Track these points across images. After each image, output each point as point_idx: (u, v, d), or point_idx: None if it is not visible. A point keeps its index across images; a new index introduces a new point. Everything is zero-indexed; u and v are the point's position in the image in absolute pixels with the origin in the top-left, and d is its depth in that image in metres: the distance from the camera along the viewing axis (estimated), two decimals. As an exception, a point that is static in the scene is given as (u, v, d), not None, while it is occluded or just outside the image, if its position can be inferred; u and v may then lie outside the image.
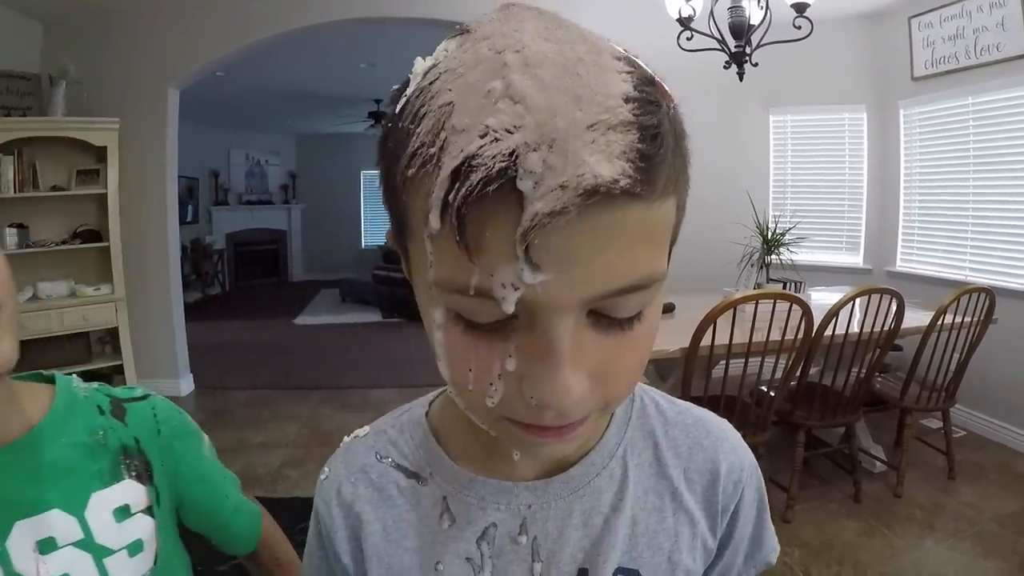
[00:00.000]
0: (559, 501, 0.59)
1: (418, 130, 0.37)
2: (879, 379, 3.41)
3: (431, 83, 0.38)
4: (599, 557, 0.58)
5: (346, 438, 0.66)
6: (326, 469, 0.65)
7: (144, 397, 0.78)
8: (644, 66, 0.40)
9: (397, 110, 0.40)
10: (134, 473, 0.71)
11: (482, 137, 0.34)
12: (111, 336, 4.08)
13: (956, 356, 2.92)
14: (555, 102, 0.34)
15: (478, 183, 0.33)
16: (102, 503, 0.68)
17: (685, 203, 0.44)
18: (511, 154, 0.33)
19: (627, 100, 0.35)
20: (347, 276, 8.92)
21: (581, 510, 0.59)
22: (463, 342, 0.41)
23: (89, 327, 3.94)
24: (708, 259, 3.52)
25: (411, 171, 0.37)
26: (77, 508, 0.67)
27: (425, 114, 0.37)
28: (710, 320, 2.37)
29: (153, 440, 0.74)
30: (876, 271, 4.51)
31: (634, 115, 0.35)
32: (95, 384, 0.77)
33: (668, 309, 3.07)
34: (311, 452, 3.60)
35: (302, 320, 7.52)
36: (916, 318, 2.97)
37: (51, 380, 0.73)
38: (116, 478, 0.70)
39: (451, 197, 0.34)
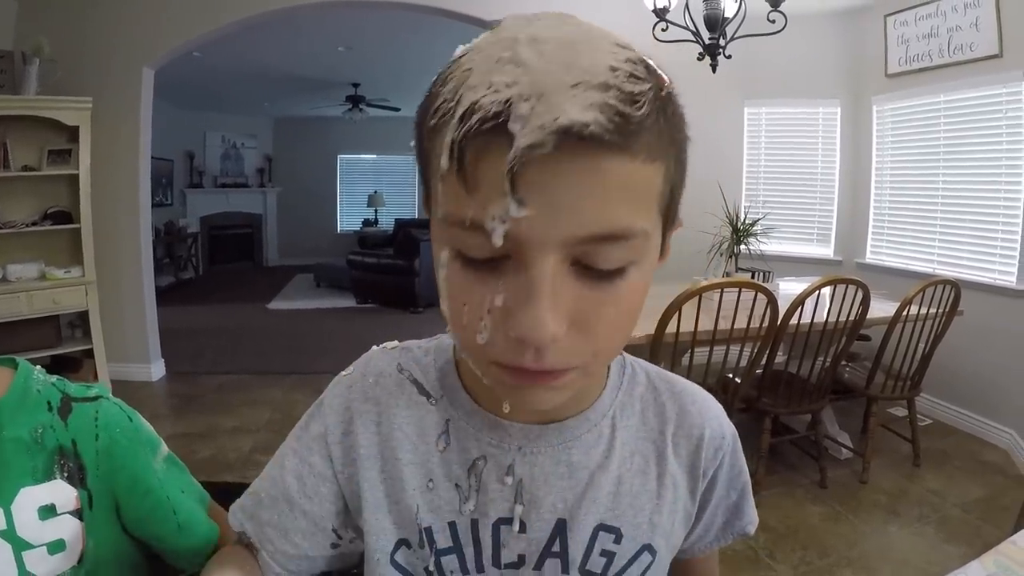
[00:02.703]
0: (549, 449, 0.62)
1: (443, 90, 0.45)
2: (847, 368, 3.47)
3: (460, 57, 0.46)
4: (580, 510, 0.62)
5: (375, 347, 0.69)
6: (350, 367, 0.68)
7: (95, 399, 0.77)
8: (643, 56, 0.45)
9: (433, 82, 0.48)
10: (66, 475, 0.72)
11: (487, 89, 0.41)
12: (81, 320, 4.02)
13: (922, 346, 2.98)
14: (549, 67, 0.41)
15: (476, 122, 0.40)
16: (29, 499, 0.69)
17: (680, 184, 0.50)
18: (506, 101, 0.40)
19: (612, 69, 0.41)
20: (322, 261, 8.86)
21: (568, 461, 0.62)
22: (461, 278, 0.46)
23: (59, 310, 3.87)
24: (678, 248, 3.51)
25: (433, 121, 0.45)
26: (5, 500, 0.68)
27: (450, 79, 0.45)
28: (676, 307, 2.41)
29: (90, 444, 0.73)
30: (846, 263, 4.59)
31: (615, 80, 0.41)
32: (54, 378, 0.77)
33: (637, 296, 3.10)
34: (283, 437, 3.54)
35: (276, 305, 7.47)
36: (883, 308, 3.04)
37: (15, 365, 0.74)
38: (48, 476, 0.71)
39: (456, 135, 0.41)
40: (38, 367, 0.77)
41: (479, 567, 0.62)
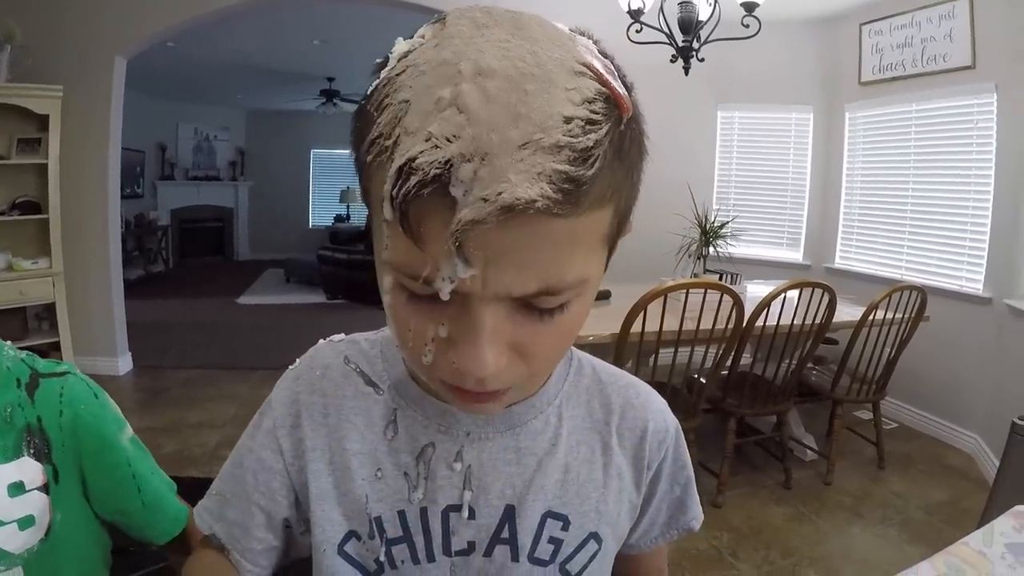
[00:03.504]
0: (497, 435, 0.63)
1: (379, 120, 0.42)
2: (814, 371, 3.51)
3: (398, 75, 0.42)
4: (528, 496, 0.63)
5: (321, 340, 0.70)
6: (296, 361, 0.69)
7: (62, 374, 0.77)
8: (608, 74, 0.43)
9: (369, 91, 0.45)
10: (33, 451, 0.73)
11: (426, 141, 0.38)
12: (48, 312, 3.95)
13: (887, 351, 3.02)
14: (495, 118, 0.38)
15: (415, 185, 0.38)
16: (1, 477, 0.70)
17: (630, 207, 0.49)
18: (446, 162, 0.37)
19: (566, 121, 0.39)
20: (293, 256, 8.81)
21: (516, 447, 0.64)
22: (405, 308, 0.47)
23: (26, 302, 3.81)
24: (646, 249, 3.57)
25: (369, 157, 0.43)
26: None
27: (387, 106, 0.42)
28: (641, 307, 2.42)
29: (54, 420, 0.74)
30: (815, 267, 4.65)
31: (569, 136, 0.39)
32: (24, 354, 0.78)
33: (604, 296, 3.13)
34: (246, 432, 3.56)
35: (245, 300, 7.40)
36: (849, 312, 3.07)
37: None
38: (17, 454, 0.72)
39: (395, 192, 0.39)
40: (8, 343, 0.77)
41: (430, 556, 0.62)
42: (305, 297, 7.55)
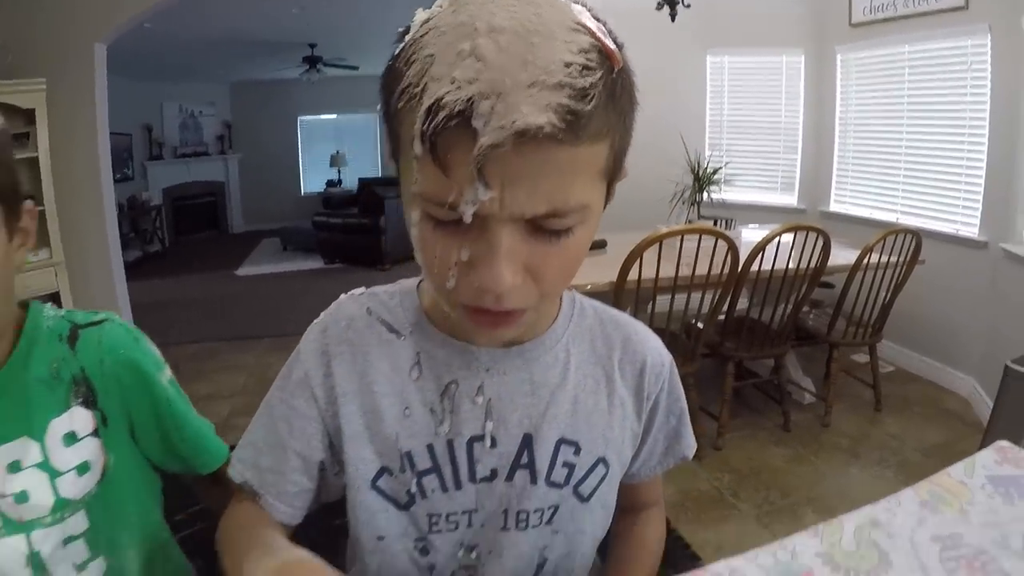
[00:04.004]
0: (513, 370, 0.70)
1: (408, 72, 0.49)
2: (811, 315, 3.55)
3: (422, 36, 0.50)
4: (543, 424, 0.70)
5: (343, 295, 0.76)
6: (321, 315, 0.74)
7: (100, 323, 0.81)
8: (600, 33, 0.50)
9: (397, 52, 0.52)
10: (81, 400, 0.77)
11: (451, 84, 0.45)
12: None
13: (883, 294, 3.02)
14: (507, 64, 0.45)
15: (442, 119, 0.45)
16: (57, 429, 0.75)
17: (624, 149, 0.56)
18: (468, 99, 0.45)
19: (566, 65, 0.46)
20: (287, 224, 8.80)
21: (530, 381, 0.70)
22: (431, 236, 0.53)
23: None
24: (641, 197, 3.57)
25: (400, 104, 0.50)
26: (39, 434, 0.74)
27: (414, 61, 0.49)
28: (637, 254, 2.46)
29: (96, 368, 0.78)
30: (810, 211, 4.63)
31: (569, 78, 0.46)
32: (63, 311, 0.82)
33: (600, 245, 3.15)
34: (259, 399, 3.57)
35: (244, 271, 7.42)
36: (844, 256, 3.08)
37: (25, 306, 0.80)
38: (67, 405, 0.76)
39: (425, 128, 0.46)
40: (48, 304, 0.82)
41: (457, 484, 0.69)
42: (303, 264, 7.58)
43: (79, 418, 0.76)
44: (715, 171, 3.55)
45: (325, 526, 0.77)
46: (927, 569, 0.70)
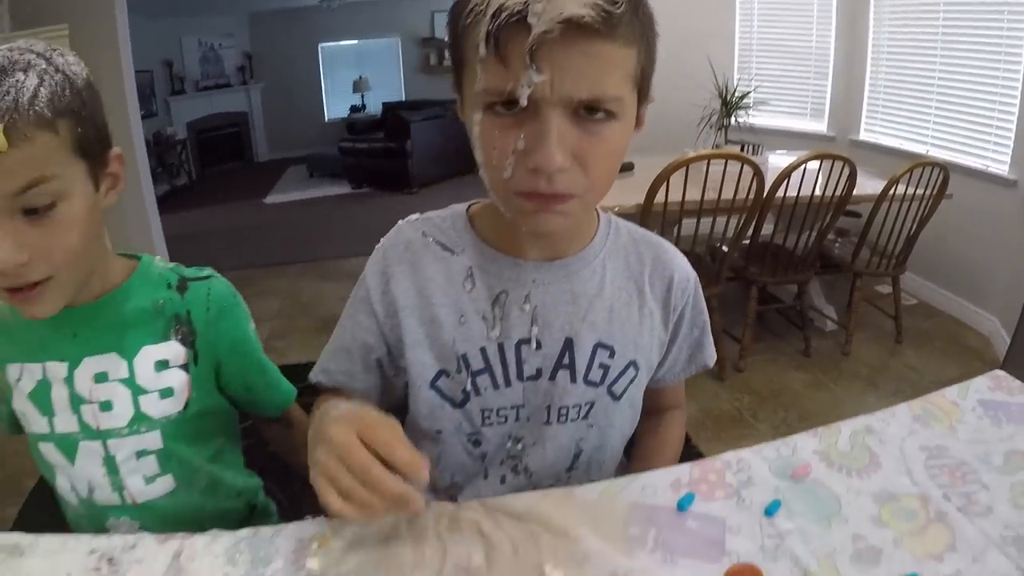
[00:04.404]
0: (556, 282, 0.80)
1: None
2: (837, 243, 3.55)
3: None
4: (583, 330, 0.80)
5: (401, 221, 0.86)
6: (381, 240, 0.85)
7: (207, 277, 0.91)
8: None
9: None
10: (179, 336, 0.86)
11: None
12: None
13: (908, 226, 2.99)
14: None
15: (504, 18, 0.57)
16: (148, 355, 0.85)
17: (651, 65, 0.66)
18: (524, 3, 0.56)
19: None
20: (313, 151, 8.78)
21: (571, 291, 0.80)
22: (491, 129, 0.63)
23: None
24: (668, 121, 3.54)
25: (468, 21, 0.61)
26: (130, 355, 0.84)
27: None
28: (663, 177, 2.48)
29: (202, 314, 0.87)
30: (840, 139, 4.53)
31: None
32: (172, 264, 0.92)
33: (627, 168, 3.17)
34: (294, 322, 3.76)
35: (272, 199, 7.49)
36: (871, 186, 3.04)
37: (138, 257, 0.90)
38: (165, 338, 0.86)
39: (491, 28, 0.57)
40: (158, 257, 0.92)
41: (507, 382, 0.80)
42: (330, 189, 7.62)
43: (174, 351, 0.86)
44: (743, 96, 3.52)
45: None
46: (912, 473, 0.79)
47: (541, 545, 0.69)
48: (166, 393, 0.86)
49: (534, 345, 0.80)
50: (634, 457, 0.99)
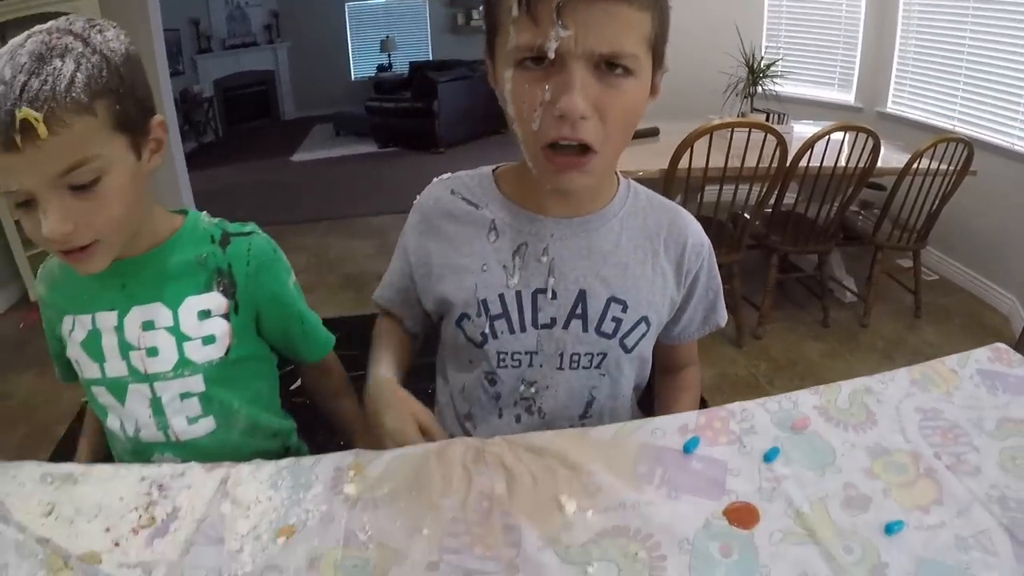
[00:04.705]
0: (574, 236, 0.86)
1: None
2: (860, 215, 3.54)
3: None
4: (596, 283, 0.87)
5: (435, 178, 0.95)
6: (416, 198, 0.94)
7: (248, 233, 0.96)
8: None
9: None
10: (221, 288, 0.92)
11: None
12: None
13: (931, 201, 2.97)
14: None
15: None
16: (192, 304, 0.90)
17: (664, 28, 0.72)
18: None
19: None
20: (340, 110, 8.79)
21: (587, 247, 0.87)
22: (522, 84, 0.70)
23: None
24: (694, 88, 3.52)
25: None
26: (174, 305, 0.90)
27: None
28: (688, 143, 2.52)
29: (243, 268, 0.92)
30: (867, 110, 4.47)
31: None
32: (216, 220, 0.97)
33: (652, 133, 3.20)
34: (321, 279, 3.84)
35: (299, 157, 7.54)
36: (895, 159, 3.03)
37: (185, 213, 0.95)
38: (207, 289, 0.91)
39: None
40: (204, 213, 0.97)
41: (522, 327, 0.87)
42: (356, 148, 7.67)
43: (215, 301, 0.91)
44: (770, 64, 3.50)
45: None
46: (906, 432, 0.84)
47: (558, 477, 0.76)
48: (208, 340, 0.91)
49: (550, 295, 0.86)
50: (657, 411, 1.05)
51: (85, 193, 0.73)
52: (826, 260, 3.17)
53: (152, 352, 0.89)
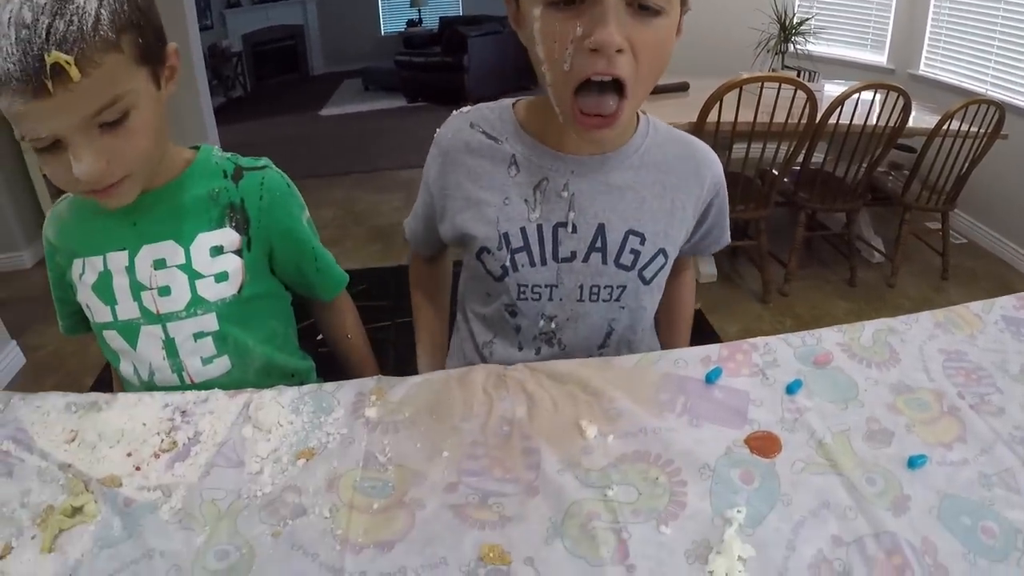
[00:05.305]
0: (593, 174, 0.87)
1: None
2: (890, 176, 3.49)
3: None
4: (615, 216, 0.88)
5: (455, 111, 0.94)
6: (436, 131, 0.94)
7: (262, 167, 0.95)
8: None
9: None
10: (234, 224, 0.91)
11: None
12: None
13: (961, 163, 2.93)
14: None
15: None
16: (204, 241, 0.89)
17: None
18: None
19: None
20: (369, 65, 8.75)
21: (607, 182, 0.88)
22: (552, 21, 0.67)
23: None
24: (725, 43, 3.48)
25: None
26: (186, 242, 0.88)
27: None
28: (717, 97, 2.50)
29: (255, 202, 0.91)
30: (899, 72, 4.35)
31: None
32: (229, 154, 0.97)
33: (683, 88, 3.16)
34: (348, 231, 3.89)
35: (328, 111, 7.53)
36: (925, 120, 2.99)
37: (198, 148, 0.94)
38: (220, 225, 0.90)
39: None
40: (217, 147, 0.97)
41: (543, 260, 0.89)
42: (385, 103, 7.64)
43: (228, 237, 0.90)
44: (802, 22, 3.42)
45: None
46: (929, 371, 0.84)
47: (578, 403, 0.78)
48: (221, 277, 0.90)
49: (570, 228, 0.87)
50: (660, 328, 1.11)
51: (114, 130, 0.73)
52: (854, 219, 3.14)
53: (164, 291, 0.88)
